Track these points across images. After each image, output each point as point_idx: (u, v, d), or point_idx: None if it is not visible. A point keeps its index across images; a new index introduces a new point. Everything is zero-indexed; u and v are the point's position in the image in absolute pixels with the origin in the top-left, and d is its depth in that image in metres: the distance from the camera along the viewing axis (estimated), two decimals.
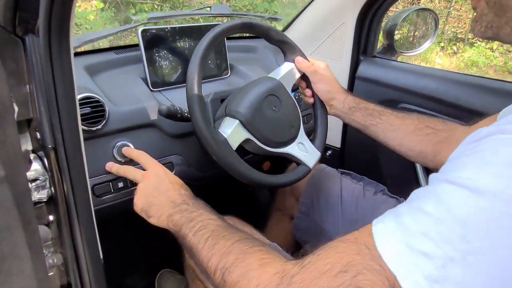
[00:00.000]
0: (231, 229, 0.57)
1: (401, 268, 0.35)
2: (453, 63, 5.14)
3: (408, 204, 0.39)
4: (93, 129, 0.77)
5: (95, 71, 0.90)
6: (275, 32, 0.87)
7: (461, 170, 0.36)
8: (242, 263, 0.49)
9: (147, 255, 1.24)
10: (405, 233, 0.36)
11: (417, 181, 1.10)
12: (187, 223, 0.61)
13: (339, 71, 1.19)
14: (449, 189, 0.35)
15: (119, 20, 4.09)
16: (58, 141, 0.60)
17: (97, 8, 3.68)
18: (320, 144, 0.91)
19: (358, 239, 0.41)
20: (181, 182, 0.72)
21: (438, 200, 0.35)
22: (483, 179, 0.33)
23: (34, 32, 0.56)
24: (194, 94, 0.73)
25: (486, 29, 0.48)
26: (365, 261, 0.38)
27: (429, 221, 0.35)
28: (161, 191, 0.68)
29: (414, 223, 0.36)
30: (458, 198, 0.34)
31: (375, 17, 1.11)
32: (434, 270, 0.33)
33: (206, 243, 0.55)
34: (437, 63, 5.20)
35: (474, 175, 0.34)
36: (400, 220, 0.38)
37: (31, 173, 0.66)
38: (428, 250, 0.34)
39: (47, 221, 0.72)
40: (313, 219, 0.99)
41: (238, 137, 0.78)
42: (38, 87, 0.59)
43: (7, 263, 0.51)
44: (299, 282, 0.41)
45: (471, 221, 0.32)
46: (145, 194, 0.70)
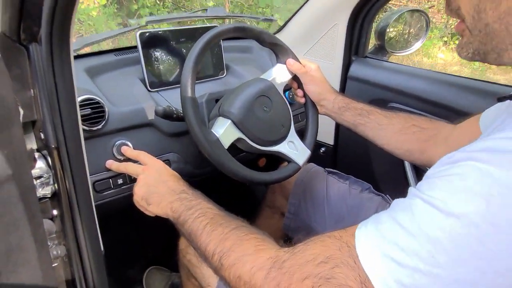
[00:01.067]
0: (228, 217, 0.61)
1: (373, 270, 0.39)
2: (456, 58, 5.12)
3: (388, 213, 0.43)
4: (93, 129, 0.82)
5: (95, 73, 0.94)
6: (267, 35, 0.91)
7: (434, 190, 0.39)
8: (238, 248, 0.53)
9: (147, 248, 1.28)
10: (382, 240, 0.40)
11: (406, 177, 1.13)
12: (187, 210, 0.65)
13: (331, 71, 1.23)
14: (422, 206, 0.39)
15: (121, 16, 4.12)
16: (60, 141, 0.64)
17: (99, 4, 3.72)
18: (310, 142, 0.95)
19: (342, 237, 0.45)
20: (179, 176, 0.76)
21: (412, 216, 0.39)
22: (451, 202, 0.36)
23: (37, 41, 0.60)
24: (188, 96, 0.77)
25: (473, 55, 0.48)
26: (344, 257, 0.42)
27: (403, 234, 0.38)
28: (162, 181, 0.73)
29: (390, 233, 0.40)
30: (429, 217, 0.37)
31: (366, 19, 1.14)
32: (404, 277, 0.37)
33: (205, 229, 0.59)
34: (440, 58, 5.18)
35: (444, 197, 0.37)
36: (379, 227, 0.41)
37: (36, 170, 0.70)
38: (399, 259, 0.37)
39: (51, 215, 0.76)
40: (301, 218, 1.02)
41: (230, 136, 0.82)
42: (41, 91, 0.63)
43: (15, 255, 0.56)
44: (288, 267, 0.46)
45: (438, 239, 0.36)
46: (146, 183, 0.74)
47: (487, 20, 0.43)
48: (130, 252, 1.25)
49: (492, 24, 0.43)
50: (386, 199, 0.97)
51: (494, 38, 0.44)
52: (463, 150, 0.40)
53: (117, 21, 3.94)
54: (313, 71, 0.91)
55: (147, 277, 1.28)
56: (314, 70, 0.92)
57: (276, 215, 1.18)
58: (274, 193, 1.15)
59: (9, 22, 0.56)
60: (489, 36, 0.44)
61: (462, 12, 0.47)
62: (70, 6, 0.52)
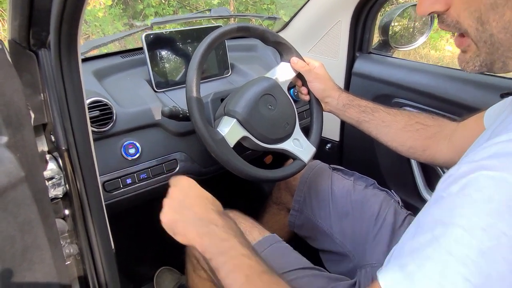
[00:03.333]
0: (266, 272, 0.54)
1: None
2: None
3: (408, 249, 0.40)
4: (102, 130, 0.84)
5: (103, 75, 0.96)
6: (270, 34, 0.92)
7: (452, 210, 0.38)
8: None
9: (156, 246, 1.31)
10: (413, 282, 0.38)
11: (413, 174, 1.14)
12: (218, 255, 0.57)
13: (336, 68, 1.23)
14: (445, 231, 0.37)
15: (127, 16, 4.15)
16: (70, 143, 0.66)
17: (105, 5, 3.75)
18: (315, 139, 0.96)
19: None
20: (209, 196, 0.67)
21: (437, 243, 0.37)
22: (473, 217, 0.36)
23: (46, 47, 0.62)
24: (193, 96, 0.78)
25: (480, 67, 0.47)
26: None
27: (433, 266, 0.37)
28: (186, 206, 0.64)
29: (419, 270, 0.37)
30: (454, 238, 0.36)
31: (369, 15, 1.14)
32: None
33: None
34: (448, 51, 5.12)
35: (465, 215, 0.36)
36: (405, 270, 0.39)
37: (48, 172, 0.73)
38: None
39: (63, 215, 0.78)
40: (306, 215, 1.03)
41: (235, 135, 0.83)
42: (51, 95, 0.65)
43: (30, 253, 0.58)
44: None
45: (469, 259, 0.35)
46: (170, 209, 0.65)
47: (491, 30, 0.43)
48: (140, 250, 1.28)
49: (497, 35, 0.42)
50: (390, 195, 0.97)
51: (499, 48, 0.44)
52: (470, 161, 0.39)
53: (123, 21, 3.98)
54: (317, 68, 0.92)
55: (157, 276, 1.31)
56: (318, 68, 0.92)
57: (282, 211, 1.19)
58: (280, 190, 1.16)
59: (19, 29, 0.58)
60: (495, 46, 0.44)
61: (462, 26, 0.45)
62: (77, 12, 0.54)
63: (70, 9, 0.52)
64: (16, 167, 0.55)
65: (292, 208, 1.05)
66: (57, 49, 0.58)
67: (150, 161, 0.91)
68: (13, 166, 0.55)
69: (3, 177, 0.53)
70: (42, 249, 0.61)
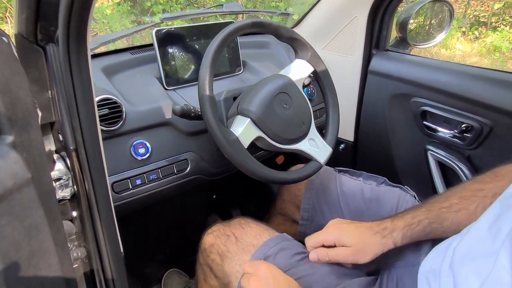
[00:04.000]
0: None
1: None
2: (475, 49, 4.97)
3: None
4: (111, 129, 0.81)
5: (112, 72, 0.93)
6: (285, 29, 0.88)
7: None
8: None
9: (165, 247, 1.28)
10: None
11: (430, 174, 1.10)
12: None
13: (351, 66, 1.19)
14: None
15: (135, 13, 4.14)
16: (79, 143, 0.63)
17: (113, 2, 3.73)
18: (331, 140, 0.93)
19: None
20: (291, 281, 0.64)
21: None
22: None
23: (54, 42, 0.59)
24: (206, 94, 0.75)
25: None
26: None
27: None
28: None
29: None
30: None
31: (387, 11, 1.10)
32: None
33: None
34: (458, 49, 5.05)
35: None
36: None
37: (55, 172, 0.70)
38: None
39: (71, 216, 0.76)
40: (317, 222, 0.98)
41: (249, 135, 0.80)
42: (59, 92, 0.62)
43: (36, 258, 0.56)
44: None
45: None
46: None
47: None
48: (148, 251, 1.25)
49: None
50: (405, 190, 0.92)
51: None
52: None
53: (131, 18, 3.96)
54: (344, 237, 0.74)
55: (166, 278, 1.29)
56: (340, 234, 0.75)
57: (287, 222, 1.13)
58: (284, 201, 1.10)
59: (26, 23, 0.55)
60: None
61: None
62: (87, 5, 0.51)
63: (80, 2, 0.49)
64: (22, 168, 0.53)
65: (301, 218, 1.00)
66: (66, 44, 0.55)
67: (160, 161, 0.88)
68: (19, 167, 0.52)
69: (9, 179, 0.50)
70: (49, 254, 0.58)
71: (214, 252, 0.85)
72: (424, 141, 1.10)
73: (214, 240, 0.86)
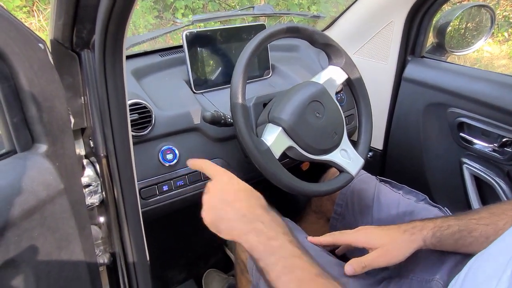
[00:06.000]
0: (320, 275, 0.50)
1: None
2: (504, 51, 4.80)
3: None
4: (140, 135, 0.80)
5: (142, 75, 0.92)
6: (320, 35, 0.85)
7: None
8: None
9: (188, 251, 1.28)
10: None
11: (465, 189, 1.05)
12: (267, 255, 0.53)
13: (384, 72, 1.14)
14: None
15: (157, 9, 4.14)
16: (110, 151, 0.62)
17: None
18: (363, 151, 0.89)
19: None
20: (250, 189, 0.62)
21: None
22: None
23: (89, 48, 0.58)
24: (238, 102, 0.73)
25: None
26: None
27: None
28: (228, 202, 0.59)
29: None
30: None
31: (426, 16, 1.05)
32: None
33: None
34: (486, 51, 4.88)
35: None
36: None
37: (85, 179, 0.69)
38: None
39: (98, 221, 0.75)
40: (348, 221, 0.98)
41: (281, 145, 0.77)
42: (92, 99, 0.61)
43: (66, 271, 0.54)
44: None
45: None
46: (211, 206, 0.60)
47: None
48: (172, 253, 1.25)
49: None
50: (444, 212, 0.89)
51: None
52: None
53: (153, 14, 3.97)
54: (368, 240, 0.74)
55: (205, 278, 1.31)
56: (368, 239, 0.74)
57: (321, 220, 1.14)
58: (321, 198, 1.11)
59: (63, 28, 0.53)
60: None
61: None
62: (126, 10, 0.49)
63: (120, 7, 0.47)
64: (55, 178, 0.51)
65: (334, 212, 1.01)
66: (102, 50, 0.53)
67: (187, 168, 0.86)
68: (52, 178, 0.51)
69: (42, 190, 0.49)
70: (78, 265, 0.57)
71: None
72: (459, 154, 1.05)
73: None
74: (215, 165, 0.66)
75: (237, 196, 0.60)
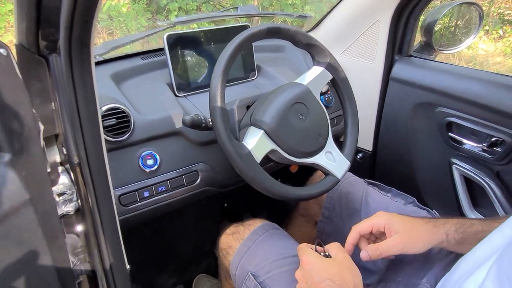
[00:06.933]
0: None
1: None
2: (499, 48, 4.79)
3: None
4: (118, 140, 0.78)
5: (122, 79, 0.90)
6: (302, 35, 0.83)
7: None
8: None
9: (176, 256, 1.25)
10: None
11: (455, 190, 1.03)
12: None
13: (372, 72, 1.13)
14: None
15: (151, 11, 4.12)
16: (82, 158, 0.60)
17: (129, 0, 3.73)
18: (349, 153, 0.87)
19: None
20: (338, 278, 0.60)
21: None
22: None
23: (57, 51, 0.56)
24: (217, 105, 0.71)
25: None
26: None
27: None
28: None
29: None
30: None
31: (412, 14, 1.03)
32: None
33: None
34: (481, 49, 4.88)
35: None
36: None
37: (59, 186, 0.67)
38: None
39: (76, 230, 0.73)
40: (335, 224, 0.97)
41: (263, 148, 0.76)
42: (62, 104, 0.59)
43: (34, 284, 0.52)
44: None
45: None
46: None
47: None
48: (159, 259, 1.22)
49: None
50: (433, 214, 0.88)
51: None
52: None
53: (146, 16, 3.95)
54: (390, 224, 0.69)
55: (196, 284, 1.29)
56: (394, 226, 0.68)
57: (309, 224, 1.12)
58: (308, 202, 1.09)
59: (26, 32, 0.51)
60: None
61: None
62: (91, 10, 0.47)
63: (82, 8, 0.45)
64: (20, 188, 0.49)
65: (321, 215, 0.99)
66: (68, 54, 0.51)
67: (169, 173, 0.84)
68: (16, 188, 0.49)
69: (6, 201, 0.47)
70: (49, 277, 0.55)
71: (231, 254, 0.84)
72: (448, 154, 1.03)
73: (231, 240, 0.86)
74: (307, 250, 0.66)
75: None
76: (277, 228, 0.87)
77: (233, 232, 0.87)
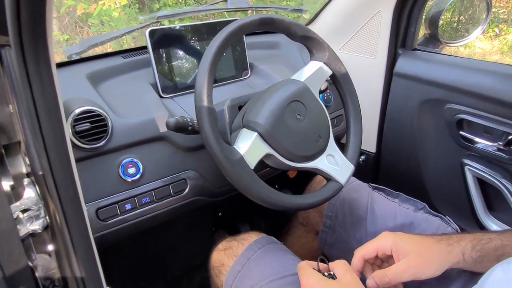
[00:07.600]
0: None
1: None
2: (495, 47, 4.79)
3: None
4: (94, 147, 0.69)
5: (100, 79, 0.82)
6: (298, 27, 0.76)
7: None
8: None
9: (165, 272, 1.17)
10: None
11: (468, 194, 0.95)
12: None
13: (374, 68, 1.06)
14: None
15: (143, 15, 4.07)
16: (46, 169, 0.52)
17: (120, 4, 3.66)
18: (353, 155, 0.80)
19: None
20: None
21: None
22: None
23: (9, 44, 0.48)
24: (203, 105, 0.63)
25: None
26: None
27: None
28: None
29: None
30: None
31: (416, 4, 0.96)
32: None
33: None
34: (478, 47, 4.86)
35: None
36: None
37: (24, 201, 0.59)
38: None
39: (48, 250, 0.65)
40: (338, 234, 0.89)
41: (257, 152, 0.67)
42: (20, 107, 0.51)
43: None
44: None
45: None
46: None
47: None
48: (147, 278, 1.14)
49: None
50: (446, 221, 0.80)
51: None
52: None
53: (138, 21, 3.89)
54: (397, 246, 0.61)
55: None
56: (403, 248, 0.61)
57: (310, 234, 1.05)
58: (308, 210, 1.01)
59: None
60: None
61: None
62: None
63: None
64: None
65: (322, 224, 0.91)
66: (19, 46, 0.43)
67: (154, 182, 0.76)
68: None
69: None
70: None
71: (224, 273, 0.76)
72: (460, 154, 0.96)
73: (223, 257, 0.79)
74: (308, 270, 0.59)
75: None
76: (275, 242, 0.79)
77: (225, 248, 0.79)
